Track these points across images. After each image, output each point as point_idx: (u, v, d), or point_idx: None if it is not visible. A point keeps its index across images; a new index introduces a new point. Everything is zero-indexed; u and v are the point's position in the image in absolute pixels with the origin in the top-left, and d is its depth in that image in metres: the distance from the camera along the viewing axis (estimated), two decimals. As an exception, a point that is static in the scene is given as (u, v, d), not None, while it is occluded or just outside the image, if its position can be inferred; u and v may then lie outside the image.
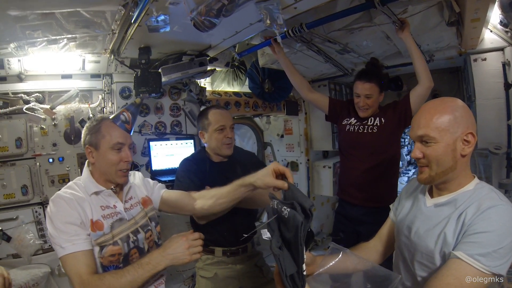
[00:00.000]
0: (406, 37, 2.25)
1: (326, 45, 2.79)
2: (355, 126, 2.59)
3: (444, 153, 1.22)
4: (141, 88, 2.37)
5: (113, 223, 1.54)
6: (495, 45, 2.77)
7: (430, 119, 1.23)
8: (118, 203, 1.61)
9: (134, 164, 2.72)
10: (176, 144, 2.98)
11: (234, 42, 2.46)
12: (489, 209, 1.12)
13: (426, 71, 2.30)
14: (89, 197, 1.52)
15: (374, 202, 2.51)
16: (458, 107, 1.23)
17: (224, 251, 2.18)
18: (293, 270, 1.04)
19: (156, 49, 2.40)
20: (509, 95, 2.76)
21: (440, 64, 3.40)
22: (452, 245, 1.18)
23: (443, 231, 1.21)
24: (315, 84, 4.16)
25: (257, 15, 1.90)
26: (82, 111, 2.59)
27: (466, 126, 1.21)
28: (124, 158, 1.58)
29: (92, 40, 2.20)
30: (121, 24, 1.96)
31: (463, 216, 1.17)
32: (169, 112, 3.03)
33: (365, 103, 2.47)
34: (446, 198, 1.29)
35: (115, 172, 1.57)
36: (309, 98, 2.82)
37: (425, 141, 1.25)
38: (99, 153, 1.56)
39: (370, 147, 2.50)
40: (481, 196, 1.19)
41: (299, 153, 4.46)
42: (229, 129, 2.19)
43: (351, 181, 2.61)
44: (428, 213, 1.33)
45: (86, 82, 2.66)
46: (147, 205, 1.74)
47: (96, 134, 1.56)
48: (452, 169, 1.24)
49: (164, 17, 1.76)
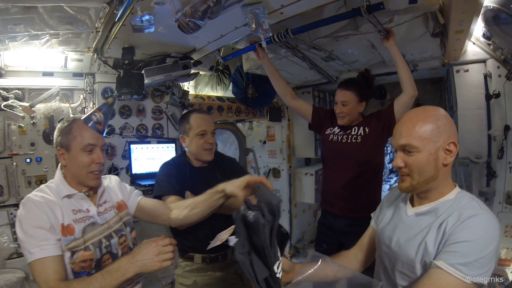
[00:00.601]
0: (391, 46, 2.29)
1: (311, 52, 2.81)
2: (339, 136, 2.59)
3: (426, 163, 1.23)
4: (123, 89, 2.34)
5: (85, 228, 1.51)
6: (477, 57, 2.85)
7: (412, 128, 1.24)
8: (91, 206, 1.58)
9: (114, 167, 2.68)
10: (157, 148, 2.95)
11: (219, 46, 2.46)
12: (470, 218, 1.13)
13: (410, 80, 2.33)
14: (60, 201, 1.48)
15: (358, 212, 2.49)
16: (440, 116, 1.24)
17: (204, 258, 2.15)
18: (265, 274, 1.03)
19: (140, 49, 2.38)
20: (490, 106, 2.84)
21: (423, 74, 3.47)
22: (433, 255, 1.18)
23: (424, 240, 1.22)
24: (299, 91, 4.19)
25: (243, 19, 1.92)
26: (62, 110, 2.53)
27: (448, 135, 1.22)
28: (95, 160, 1.55)
29: (75, 38, 2.16)
30: (105, 22, 1.94)
31: (444, 225, 1.18)
32: (151, 115, 3.00)
33: (341, 110, 2.50)
34: (427, 207, 1.30)
35: (86, 175, 1.54)
36: (293, 105, 2.83)
37: (407, 150, 1.26)
38: (71, 155, 1.53)
39: (354, 157, 2.50)
40: (462, 205, 1.20)
41: (281, 160, 4.47)
42: (210, 135, 2.18)
43: (335, 191, 2.61)
44: (409, 222, 1.34)
45: (67, 80, 2.61)
46: (122, 210, 1.71)
47: (67, 135, 1.53)
48: (434, 178, 1.25)
49: (149, 17, 1.75)
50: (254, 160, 4.67)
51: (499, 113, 2.82)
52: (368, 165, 2.49)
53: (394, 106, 2.44)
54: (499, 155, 2.82)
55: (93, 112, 1.64)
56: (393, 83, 3.78)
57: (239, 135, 4.72)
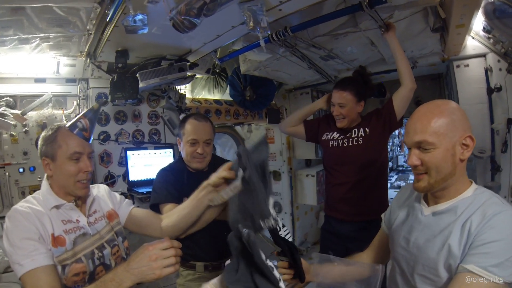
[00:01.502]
0: (392, 38, 2.23)
1: (310, 51, 2.76)
2: (339, 141, 2.48)
3: (444, 159, 1.16)
4: (117, 93, 2.26)
5: (76, 239, 1.43)
6: (477, 52, 2.81)
7: (427, 123, 1.17)
8: (81, 217, 1.51)
9: (111, 175, 2.58)
10: (155, 154, 2.86)
11: (216, 47, 2.39)
12: (495, 216, 1.07)
13: (409, 73, 2.27)
14: (49, 211, 1.41)
15: (365, 216, 2.38)
16: (454, 110, 1.18)
17: (206, 266, 2.08)
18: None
19: (134, 52, 2.30)
20: (491, 100, 2.80)
21: (422, 71, 3.43)
22: (458, 257, 1.11)
23: (447, 242, 1.14)
24: (298, 92, 4.15)
25: (240, 17, 1.86)
26: (55, 117, 2.44)
27: (464, 129, 1.16)
28: (83, 169, 1.47)
29: (66, 41, 2.07)
30: (97, 23, 1.86)
31: (468, 225, 1.11)
32: (147, 120, 2.90)
33: (339, 112, 2.39)
34: (445, 205, 1.23)
35: (74, 184, 1.46)
36: (289, 131, 2.82)
37: (423, 148, 1.18)
38: (56, 164, 1.45)
39: (357, 161, 2.39)
40: (484, 202, 1.14)
41: (282, 162, 4.41)
42: (202, 144, 2.05)
43: (339, 196, 2.48)
44: (426, 222, 1.26)
45: (60, 86, 2.51)
46: (112, 219, 1.64)
47: (52, 144, 1.45)
48: (452, 175, 1.18)
49: (142, 16, 1.67)
50: (254, 164, 4.57)
51: (501, 107, 2.78)
52: (373, 166, 2.39)
53: (394, 101, 2.36)
54: (503, 148, 2.78)
55: (78, 118, 1.55)
56: (393, 81, 3.69)
57: (237, 139, 4.64)
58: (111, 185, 2.58)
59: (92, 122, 1.59)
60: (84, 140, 1.51)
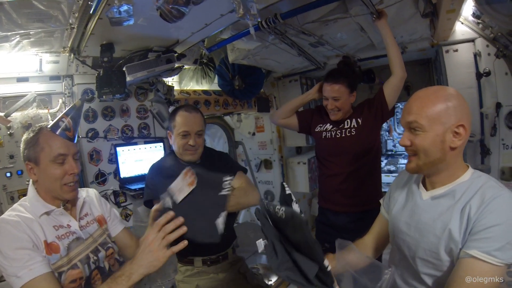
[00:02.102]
0: (384, 25, 2.21)
1: (300, 38, 2.71)
2: (332, 132, 2.45)
3: (432, 144, 1.18)
4: (104, 89, 2.15)
5: (70, 244, 1.38)
6: (466, 37, 2.84)
7: (421, 106, 1.19)
8: (72, 221, 1.45)
9: (101, 173, 2.49)
10: (145, 149, 2.76)
11: (204, 36, 2.31)
12: (494, 200, 1.09)
13: (400, 61, 2.25)
14: (38, 219, 1.34)
15: (361, 206, 2.38)
16: (451, 97, 1.17)
17: (204, 260, 2.04)
18: (315, 269, 0.99)
19: (120, 46, 2.19)
20: (480, 85, 2.84)
21: (411, 56, 3.44)
22: (459, 242, 1.13)
23: (448, 226, 1.16)
24: (286, 79, 4.10)
25: (229, 5, 1.79)
26: (41, 117, 2.30)
27: (458, 118, 1.15)
28: (69, 171, 1.40)
29: (48, 37, 1.95)
30: (80, 16, 1.75)
31: (467, 210, 1.13)
32: (136, 115, 2.79)
33: (333, 106, 2.35)
34: (443, 189, 1.24)
35: (60, 188, 1.40)
36: (281, 123, 2.76)
37: (413, 129, 1.21)
38: (40, 168, 1.38)
39: (351, 151, 2.37)
40: (481, 186, 1.15)
41: (272, 151, 4.38)
42: (194, 136, 2.01)
43: (334, 188, 2.46)
44: (425, 207, 1.28)
45: (44, 85, 2.37)
46: (102, 225, 1.60)
47: (34, 147, 1.37)
48: (441, 161, 1.20)
49: (127, 7, 1.59)
50: (244, 153, 4.54)
51: (490, 91, 2.82)
52: (366, 156, 2.37)
53: (384, 90, 2.34)
54: (492, 132, 2.84)
55: (60, 118, 1.46)
56: (382, 66, 3.71)
57: (227, 129, 4.59)
58: (102, 183, 2.49)
59: (76, 120, 1.51)
60: (68, 141, 1.43)
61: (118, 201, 2.55)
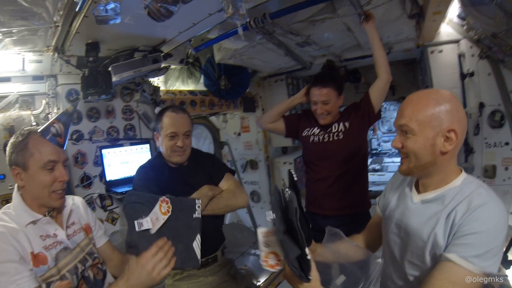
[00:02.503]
0: (371, 28, 2.22)
1: (287, 37, 2.69)
2: (320, 136, 2.44)
3: (423, 147, 1.17)
4: (90, 89, 2.08)
5: (57, 254, 1.34)
6: (450, 38, 2.89)
7: (412, 110, 1.18)
8: (59, 230, 1.40)
9: (86, 176, 2.41)
10: (131, 150, 2.69)
11: (191, 36, 2.27)
12: (480, 207, 1.08)
13: (386, 65, 2.27)
14: (24, 228, 1.29)
15: (350, 209, 2.38)
16: (444, 101, 1.15)
17: None
18: (297, 253, 1.08)
19: (105, 45, 2.12)
20: (464, 85, 2.89)
21: (396, 56, 3.46)
22: (443, 247, 1.14)
23: (434, 231, 1.17)
24: (272, 79, 4.08)
25: (217, 4, 1.76)
26: (23, 119, 2.20)
27: (450, 122, 1.14)
28: (58, 178, 1.36)
29: (31, 35, 1.87)
30: (65, 14, 1.68)
31: (453, 216, 1.13)
32: (122, 116, 2.72)
33: (323, 110, 2.33)
34: (433, 194, 1.23)
35: (48, 195, 1.35)
36: (268, 127, 2.73)
37: (404, 131, 1.20)
38: (28, 174, 1.32)
39: (339, 155, 2.36)
40: (470, 193, 1.14)
41: (258, 151, 4.36)
42: (182, 137, 1.97)
43: (322, 192, 2.44)
44: (415, 210, 1.28)
45: (27, 85, 2.27)
46: (89, 233, 1.57)
47: (23, 152, 1.31)
48: (432, 164, 1.19)
49: (114, 5, 1.53)
50: (229, 153, 4.51)
51: (473, 91, 2.88)
52: (354, 160, 2.38)
53: (370, 94, 2.35)
54: (475, 131, 2.89)
55: (51, 122, 1.40)
56: (368, 66, 3.76)
57: (212, 129, 4.54)
58: (88, 187, 2.41)
59: (67, 126, 1.45)
60: (58, 147, 1.38)
61: (104, 205, 2.48)
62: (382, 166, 7.42)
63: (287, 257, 1.10)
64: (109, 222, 2.50)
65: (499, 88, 2.77)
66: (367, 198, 2.49)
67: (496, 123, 2.80)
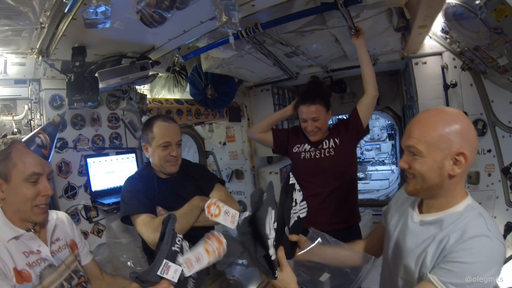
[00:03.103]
0: (361, 44, 2.26)
1: (276, 47, 2.68)
2: (311, 152, 2.43)
3: (430, 170, 1.13)
4: (75, 95, 1.97)
5: (42, 272, 1.25)
6: (434, 50, 2.95)
7: (421, 130, 1.14)
8: (42, 246, 1.32)
9: (71, 186, 2.28)
10: (117, 160, 2.58)
11: (181, 43, 2.21)
12: (473, 239, 1.05)
13: (373, 81, 2.29)
14: (6, 243, 1.20)
15: (343, 223, 2.38)
16: (454, 122, 1.11)
17: None
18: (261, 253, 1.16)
19: (92, 50, 2.03)
20: (448, 95, 2.94)
21: (381, 67, 3.51)
22: (429, 268, 1.12)
23: (424, 252, 1.15)
24: (258, 88, 4.06)
25: (209, 12, 1.74)
26: (4, 124, 2.07)
27: (460, 145, 1.09)
28: (42, 192, 1.28)
29: (15, 36, 1.76)
30: (52, 15, 1.59)
31: (445, 241, 1.10)
32: (107, 124, 2.60)
33: (313, 127, 2.33)
34: (433, 217, 1.21)
35: (31, 209, 1.27)
36: (257, 138, 2.67)
37: (412, 152, 1.16)
38: (10, 186, 1.24)
39: (330, 171, 2.37)
40: (467, 222, 1.11)
41: (244, 161, 4.29)
42: (175, 146, 1.95)
43: (315, 208, 2.38)
44: (414, 230, 1.25)
45: (8, 89, 2.13)
46: (74, 250, 1.49)
47: (5, 162, 1.23)
48: (438, 187, 1.16)
49: (105, 8, 1.47)
50: (214, 163, 4.44)
51: (456, 101, 2.94)
52: (346, 175, 2.39)
53: (358, 110, 2.37)
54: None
55: (36, 133, 1.32)
56: (353, 77, 3.82)
57: (197, 138, 4.47)
58: (72, 197, 2.27)
59: (53, 138, 1.37)
60: (43, 159, 1.30)
61: (90, 216, 2.34)
62: (366, 175, 7.52)
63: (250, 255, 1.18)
64: (94, 234, 2.36)
65: (480, 98, 2.85)
66: (357, 212, 2.52)
67: (479, 131, 2.85)
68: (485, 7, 1.82)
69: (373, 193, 5.58)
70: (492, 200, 2.83)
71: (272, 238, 1.15)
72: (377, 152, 8.77)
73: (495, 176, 2.83)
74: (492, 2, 1.77)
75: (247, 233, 1.21)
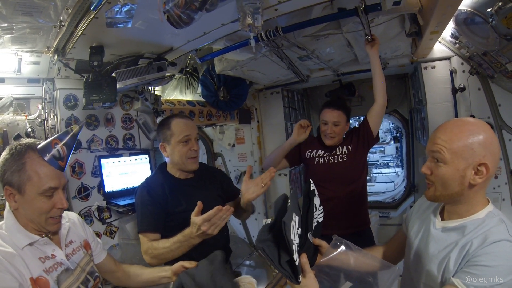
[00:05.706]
0: (375, 54, 2.24)
1: (292, 51, 2.60)
2: (325, 158, 2.45)
3: (452, 178, 1.12)
4: (93, 95, 1.85)
5: (59, 277, 1.17)
6: (443, 55, 2.89)
7: (445, 139, 1.12)
8: (57, 250, 1.23)
9: (84, 187, 2.14)
10: (130, 161, 2.45)
11: (199, 45, 2.11)
12: (495, 243, 1.05)
13: (383, 90, 2.31)
14: (20, 251, 1.10)
15: (356, 227, 2.40)
16: (478, 133, 1.09)
17: None
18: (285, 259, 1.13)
19: (110, 49, 1.90)
20: (456, 99, 2.89)
21: (391, 71, 3.45)
22: (452, 272, 1.11)
23: (448, 256, 1.14)
24: (268, 91, 3.94)
25: (232, 14, 1.65)
26: (17, 124, 1.93)
27: (482, 155, 1.08)
28: (57, 205, 1.19)
29: (33, 34, 1.63)
30: (73, 13, 1.47)
31: (468, 246, 1.10)
32: (121, 124, 2.46)
33: (332, 131, 2.37)
34: (456, 223, 1.19)
35: (45, 221, 1.18)
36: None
37: (435, 159, 1.15)
38: (24, 198, 1.14)
39: (344, 176, 2.39)
40: (490, 228, 1.10)
41: (253, 162, 4.15)
42: (195, 141, 1.90)
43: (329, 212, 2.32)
44: (436, 236, 1.24)
45: (22, 88, 2.00)
46: (88, 250, 1.42)
47: (20, 173, 1.12)
48: (459, 195, 1.14)
49: (131, 7, 1.36)
50: (223, 165, 4.31)
51: (464, 105, 2.88)
52: (358, 181, 2.42)
53: (368, 119, 2.41)
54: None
55: (52, 141, 1.21)
56: (362, 80, 3.84)
57: (206, 140, 4.33)
58: (85, 198, 2.14)
59: (70, 149, 1.25)
60: (59, 171, 1.19)
61: (103, 217, 2.21)
62: (371, 177, 7.44)
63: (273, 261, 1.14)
64: (107, 235, 2.24)
65: (488, 102, 2.80)
66: (368, 216, 2.55)
67: (486, 134, 2.79)
68: (496, 15, 1.79)
69: (379, 195, 5.50)
70: (499, 202, 2.78)
71: (296, 243, 1.13)
72: (381, 154, 8.64)
73: (502, 179, 2.78)
74: (503, 10, 1.75)
75: (267, 240, 1.20)
